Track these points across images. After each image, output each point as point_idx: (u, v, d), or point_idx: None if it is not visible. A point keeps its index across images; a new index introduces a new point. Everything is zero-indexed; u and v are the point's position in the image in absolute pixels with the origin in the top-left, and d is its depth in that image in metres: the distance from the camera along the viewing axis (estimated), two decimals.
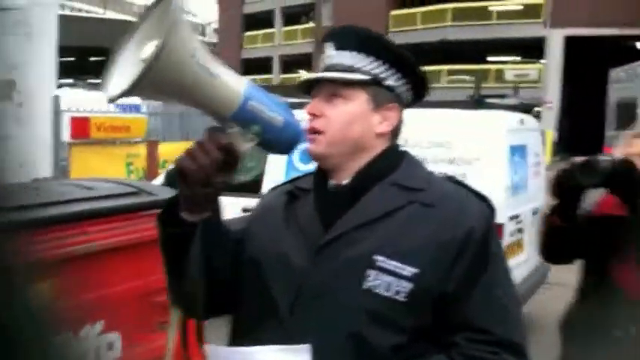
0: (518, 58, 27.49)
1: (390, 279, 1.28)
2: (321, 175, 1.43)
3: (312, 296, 1.32)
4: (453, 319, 1.29)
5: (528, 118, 5.83)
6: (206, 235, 1.29)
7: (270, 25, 35.07)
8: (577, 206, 2.36)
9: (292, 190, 1.48)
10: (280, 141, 1.29)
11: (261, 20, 35.18)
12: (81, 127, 8.44)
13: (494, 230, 1.37)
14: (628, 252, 2.29)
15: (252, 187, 5.89)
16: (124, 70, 1.19)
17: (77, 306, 2.00)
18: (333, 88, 1.39)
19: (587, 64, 24.17)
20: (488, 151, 4.73)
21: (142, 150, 9.20)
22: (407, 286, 1.28)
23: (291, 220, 1.42)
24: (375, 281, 1.29)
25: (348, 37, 1.42)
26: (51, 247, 2.34)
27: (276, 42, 34.58)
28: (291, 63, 33.16)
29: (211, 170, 1.21)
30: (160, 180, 6.03)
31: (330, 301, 1.31)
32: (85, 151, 8.43)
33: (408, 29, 27.56)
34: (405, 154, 1.45)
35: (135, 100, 10.67)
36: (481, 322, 1.29)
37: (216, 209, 1.32)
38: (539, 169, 5.95)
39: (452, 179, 1.46)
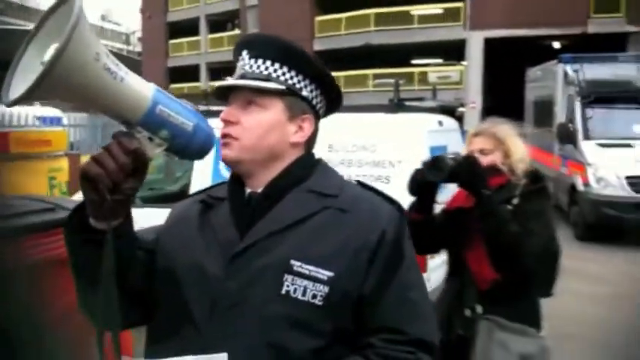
0: (441, 61, 28.11)
1: (306, 283, 1.31)
2: (236, 183, 1.45)
3: (228, 305, 1.33)
4: (367, 321, 1.33)
5: (447, 120, 6.00)
6: (117, 244, 1.27)
7: (196, 32, 34.71)
8: (433, 201, 2.61)
9: (205, 199, 1.49)
10: (191, 146, 1.29)
11: (186, 28, 34.77)
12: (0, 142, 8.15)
13: (405, 232, 1.41)
14: (475, 240, 2.54)
15: (179, 198, 5.76)
16: (24, 76, 1.17)
17: None
18: (250, 96, 1.41)
19: (506, 65, 24.94)
20: (410, 153, 4.83)
21: (64, 164, 8.95)
22: (323, 289, 1.31)
23: (205, 229, 1.43)
24: (292, 286, 1.31)
25: (263, 46, 1.43)
26: None
27: (202, 50, 34.25)
28: (219, 70, 32.84)
29: (119, 175, 1.20)
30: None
31: (247, 308, 1.32)
32: (5, 166, 8.13)
33: (333, 34, 27.78)
34: (318, 161, 1.49)
35: (56, 112, 10.34)
36: (395, 322, 1.33)
37: (126, 217, 1.30)
38: None
39: (363, 185, 1.50)
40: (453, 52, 25.21)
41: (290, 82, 1.42)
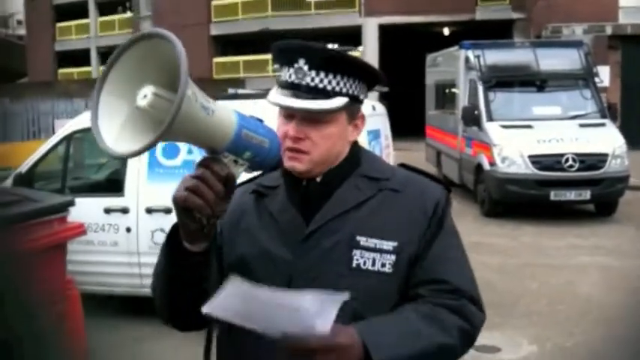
0: (337, 47, 28.49)
1: (374, 255, 1.44)
2: (291, 173, 1.51)
3: (303, 284, 1.40)
4: (415, 276, 1.45)
5: (378, 105, 6.21)
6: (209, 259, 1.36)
7: (85, 15, 33.22)
8: None
9: (257, 189, 1.57)
10: (267, 160, 1.33)
11: (73, 11, 33.18)
12: None
13: (450, 207, 1.56)
14: None
15: (113, 187, 5.71)
16: (112, 120, 1.17)
17: None
18: (317, 114, 1.45)
19: (401, 51, 25.69)
20: None
21: None
22: (390, 258, 1.44)
23: (264, 217, 1.52)
24: (362, 259, 1.43)
25: (323, 58, 1.46)
26: None
27: (91, 33, 32.87)
28: (110, 55, 31.75)
29: (216, 203, 1.24)
30: (8, 184, 5.62)
31: (321, 285, 1.38)
32: None
33: (230, 19, 27.50)
34: (362, 149, 1.59)
35: None
36: (440, 274, 1.45)
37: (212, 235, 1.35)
38: (389, 150, 6.36)
39: (408, 167, 1.63)
40: (350, 38, 25.63)
41: (351, 91, 1.48)
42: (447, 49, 13.69)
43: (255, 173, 1.51)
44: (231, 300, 1.22)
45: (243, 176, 1.35)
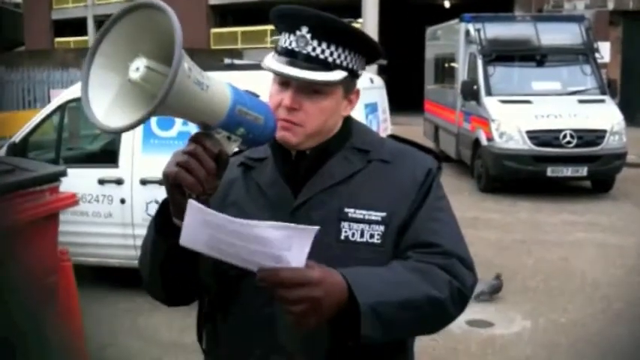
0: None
1: (362, 226, 1.41)
2: (280, 145, 1.47)
3: None
4: (404, 241, 1.42)
5: (376, 78, 6.15)
6: None
7: None
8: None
9: (244, 162, 1.53)
10: (261, 136, 1.31)
11: None
12: None
13: (440, 176, 1.53)
14: None
15: (108, 158, 5.67)
16: (104, 92, 1.14)
17: None
18: (314, 85, 1.41)
19: (402, 23, 25.46)
20: None
21: None
22: (378, 229, 1.41)
23: (252, 189, 1.49)
24: (350, 231, 1.40)
25: (327, 28, 1.41)
26: None
27: (89, 1, 32.47)
28: None
29: (207, 180, 1.22)
30: (2, 153, 5.58)
31: (311, 257, 1.38)
32: None
33: None
34: (353, 121, 1.55)
35: None
36: (427, 236, 1.41)
37: None
38: (387, 124, 6.31)
39: (397, 138, 1.61)
40: (349, 9, 25.38)
41: (350, 65, 1.44)
42: (447, 22, 13.55)
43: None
44: (197, 230, 1.17)
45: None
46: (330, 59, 1.41)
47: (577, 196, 9.83)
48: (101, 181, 5.44)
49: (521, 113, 9.84)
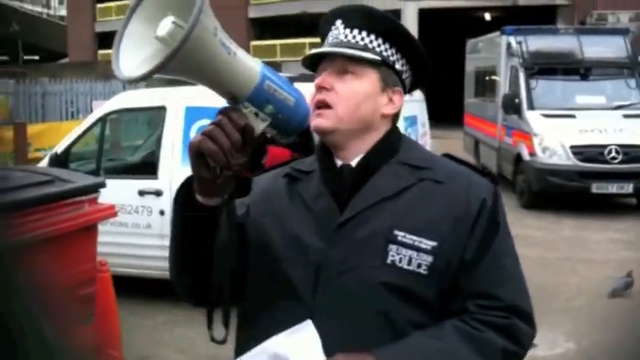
0: None
1: (410, 252, 1.33)
2: (325, 155, 1.44)
3: (334, 274, 1.34)
4: (463, 287, 1.35)
5: (416, 90, 6.06)
6: (226, 220, 1.27)
7: None
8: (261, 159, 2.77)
9: (290, 173, 1.48)
10: (292, 121, 1.27)
11: None
12: None
13: (501, 203, 1.44)
14: None
15: (148, 169, 5.70)
16: (134, 49, 1.13)
17: None
18: (345, 64, 1.39)
19: (441, 35, 25.32)
20: None
21: (3, 134, 8.57)
22: (427, 259, 1.33)
23: (296, 202, 1.43)
24: (398, 256, 1.33)
25: (359, 17, 1.42)
26: None
27: None
28: None
29: (232, 152, 1.18)
30: (44, 164, 5.65)
31: (353, 277, 1.33)
32: None
33: (269, 2, 27.42)
34: (403, 135, 1.50)
35: None
36: (491, 288, 1.34)
37: (232, 194, 1.28)
38: (426, 138, 6.22)
39: (452, 157, 1.52)
40: None
41: (385, 53, 1.42)
42: (488, 35, 13.40)
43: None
44: None
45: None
46: (361, 43, 1.40)
47: (622, 214, 9.56)
48: (141, 193, 5.47)
49: (565, 128, 9.64)
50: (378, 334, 1.31)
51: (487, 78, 13.25)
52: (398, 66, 1.43)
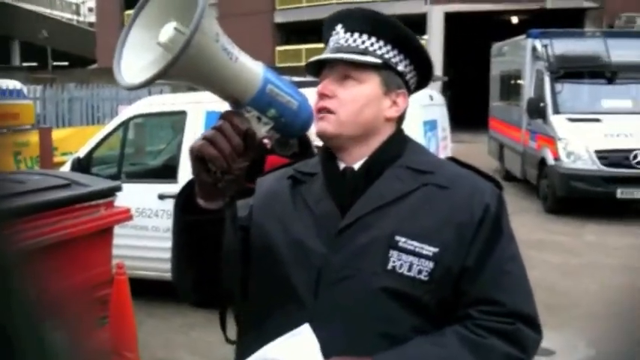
0: None
1: (412, 259, 1.32)
2: (329, 158, 1.44)
3: (335, 279, 1.34)
4: (466, 293, 1.33)
5: (436, 94, 6.05)
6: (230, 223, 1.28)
7: None
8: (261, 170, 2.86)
9: (294, 175, 1.48)
10: (295, 124, 1.27)
11: None
12: None
13: (505, 208, 1.42)
14: None
15: (167, 173, 5.76)
16: (137, 55, 1.14)
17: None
18: (345, 70, 1.39)
19: (467, 39, 25.18)
20: (405, 127, 4.86)
21: (31, 138, 8.71)
22: (428, 265, 1.31)
23: (299, 205, 1.43)
24: (398, 261, 1.32)
25: (359, 20, 1.42)
26: None
27: None
28: None
29: (233, 157, 1.18)
30: (66, 169, 5.74)
31: (354, 282, 1.33)
32: None
33: (294, 7, 27.54)
34: (408, 138, 1.48)
35: (15, 84, 10.03)
36: (493, 294, 1.33)
37: (233, 197, 1.28)
38: (447, 142, 6.19)
39: (458, 162, 1.51)
40: (414, 26, 25.27)
41: (386, 56, 1.41)
42: (513, 38, 13.28)
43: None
44: None
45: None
46: (361, 47, 1.40)
47: None
48: (161, 197, 5.52)
49: (590, 132, 9.51)
50: (378, 339, 1.30)
51: (512, 82, 13.13)
52: (401, 67, 1.43)
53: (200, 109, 5.46)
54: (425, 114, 5.24)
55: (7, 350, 0.58)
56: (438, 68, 24.48)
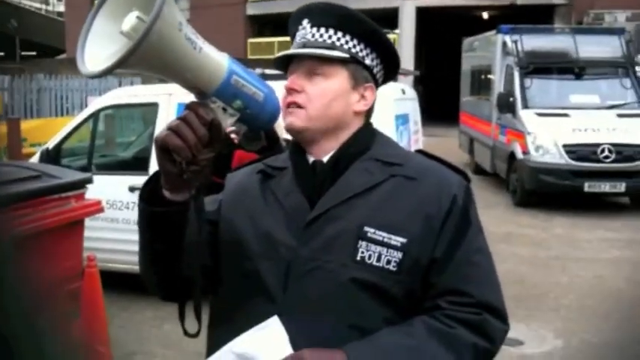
0: None
1: (380, 249, 1.33)
2: (298, 151, 1.45)
3: (304, 271, 1.34)
4: (434, 284, 1.35)
5: (408, 88, 6.09)
6: (195, 215, 1.28)
7: None
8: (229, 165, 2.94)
9: (264, 169, 1.49)
10: (261, 116, 1.28)
11: None
12: None
13: (473, 200, 1.44)
14: None
15: (138, 165, 5.72)
16: (100, 44, 1.14)
17: None
18: (313, 65, 1.40)
19: (438, 34, 25.34)
20: (377, 121, 4.88)
21: None
22: (397, 255, 1.33)
23: (268, 199, 1.43)
24: (367, 252, 1.33)
25: (325, 15, 1.43)
26: None
27: None
28: None
29: (198, 147, 1.18)
30: (35, 160, 5.66)
31: (323, 274, 1.34)
32: None
33: None
34: (376, 131, 1.50)
35: None
36: (461, 285, 1.35)
37: (199, 189, 1.28)
38: (418, 136, 6.24)
39: (426, 154, 1.53)
40: (386, 20, 25.38)
41: (353, 50, 1.42)
42: (484, 34, 13.40)
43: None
44: None
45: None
46: (328, 42, 1.40)
47: (615, 213, 9.59)
48: (132, 189, 5.48)
49: (559, 127, 9.65)
50: (349, 331, 1.31)
51: (483, 77, 13.26)
52: (368, 61, 1.44)
53: (172, 101, 5.43)
54: (397, 108, 5.27)
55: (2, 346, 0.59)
56: (409, 63, 24.59)
